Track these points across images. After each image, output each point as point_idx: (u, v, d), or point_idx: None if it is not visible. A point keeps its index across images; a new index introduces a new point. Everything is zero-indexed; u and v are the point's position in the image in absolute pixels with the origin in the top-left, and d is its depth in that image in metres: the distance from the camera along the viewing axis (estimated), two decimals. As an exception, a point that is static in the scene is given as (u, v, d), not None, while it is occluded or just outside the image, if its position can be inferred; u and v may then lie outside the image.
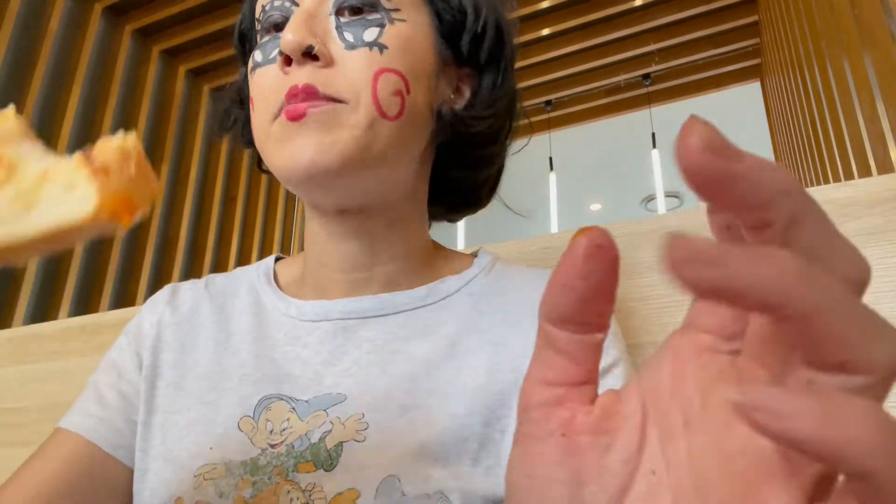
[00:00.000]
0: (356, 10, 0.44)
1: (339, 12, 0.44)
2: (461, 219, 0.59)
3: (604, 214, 4.96)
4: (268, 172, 0.50)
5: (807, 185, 2.31)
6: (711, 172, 0.14)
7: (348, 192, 0.44)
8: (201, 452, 0.42)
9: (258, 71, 0.45)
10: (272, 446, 0.41)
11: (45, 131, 2.32)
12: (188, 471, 0.42)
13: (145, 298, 2.17)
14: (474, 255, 0.54)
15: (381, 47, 0.42)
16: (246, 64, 0.50)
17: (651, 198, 4.60)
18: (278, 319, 0.48)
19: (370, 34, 0.43)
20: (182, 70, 3.07)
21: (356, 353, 0.45)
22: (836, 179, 1.70)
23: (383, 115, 0.42)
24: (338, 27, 0.43)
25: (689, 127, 0.14)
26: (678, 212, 0.64)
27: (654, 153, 3.38)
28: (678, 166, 0.14)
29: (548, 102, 3.48)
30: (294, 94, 0.41)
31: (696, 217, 0.64)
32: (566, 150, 3.87)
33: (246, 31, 0.52)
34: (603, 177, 4.47)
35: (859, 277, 0.15)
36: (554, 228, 3.71)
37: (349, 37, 0.43)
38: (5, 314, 2.12)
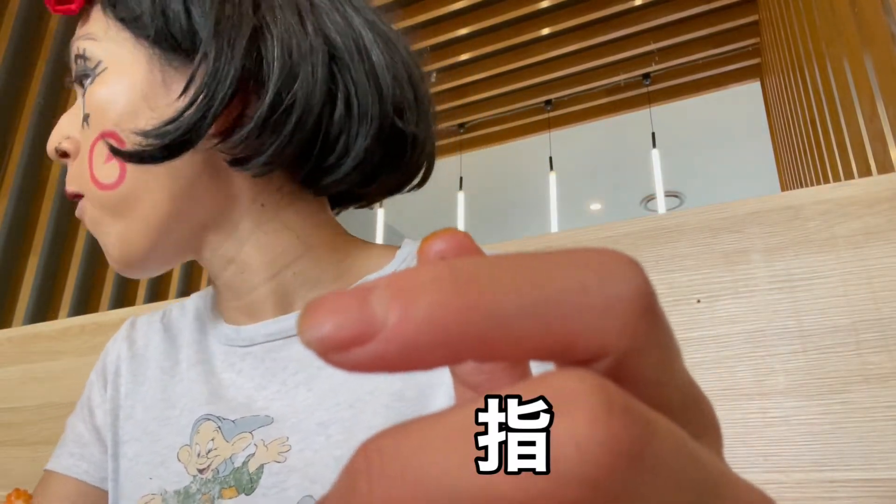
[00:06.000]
0: (81, 84, 0.43)
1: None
2: (366, 204, 0.51)
3: (604, 214, 4.96)
4: None
5: (807, 185, 2.31)
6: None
7: (170, 255, 0.44)
8: (142, 483, 0.44)
9: None
10: (200, 471, 0.42)
11: (45, 131, 2.32)
12: (131, 501, 0.43)
13: (145, 299, 2.16)
14: (399, 247, 0.48)
15: (86, 118, 0.42)
16: None
17: (651, 197, 4.60)
18: (216, 347, 0.48)
19: (83, 107, 0.42)
20: (182, 70, 3.07)
21: (283, 375, 0.44)
22: (836, 179, 1.70)
23: (105, 188, 0.41)
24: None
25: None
26: (678, 211, 0.64)
27: (654, 153, 3.38)
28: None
29: (548, 102, 3.48)
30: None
31: (696, 216, 0.64)
32: (566, 150, 3.87)
33: None
34: (603, 177, 4.47)
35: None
36: (554, 228, 3.71)
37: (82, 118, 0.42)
38: (5, 314, 2.12)
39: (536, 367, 0.16)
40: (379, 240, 3.68)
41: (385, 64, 0.42)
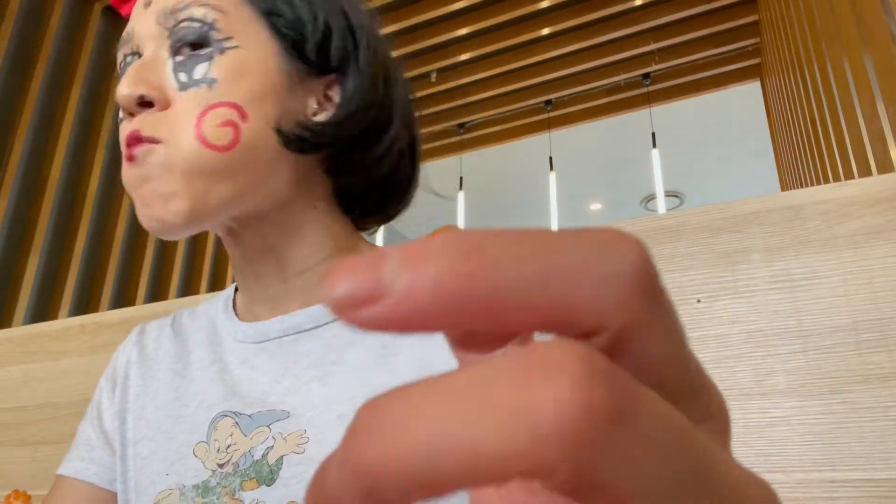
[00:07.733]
0: (189, 48, 0.44)
1: (176, 53, 0.44)
2: (373, 226, 0.58)
3: (604, 214, 4.96)
4: None
5: (807, 185, 2.31)
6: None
7: (217, 219, 0.45)
8: (159, 479, 0.45)
9: (120, 127, 0.46)
10: (220, 466, 0.43)
11: (45, 131, 2.32)
12: (148, 497, 0.45)
13: (145, 298, 2.16)
14: None
15: (211, 82, 0.43)
16: None
17: (651, 197, 4.60)
18: (231, 345, 0.50)
19: (200, 70, 0.44)
20: (182, 70, 3.07)
21: (296, 369, 0.46)
22: (836, 179, 1.70)
23: (211, 146, 0.42)
24: (174, 69, 0.44)
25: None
26: (678, 211, 0.64)
27: (654, 153, 3.38)
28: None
29: (548, 102, 3.48)
30: (126, 143, 0.44)
31: (696, 216, 0.64)
32: (566, 150, 3.87)
33: None
34: (603, 177, 4.47)
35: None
36: (554, 228, 3.70)
37: (182, 77, 0.44)
38: (5, 314, 2.12)
39: None
40: (380, 239, 3.68)
41: (415, 127, 0.53)
